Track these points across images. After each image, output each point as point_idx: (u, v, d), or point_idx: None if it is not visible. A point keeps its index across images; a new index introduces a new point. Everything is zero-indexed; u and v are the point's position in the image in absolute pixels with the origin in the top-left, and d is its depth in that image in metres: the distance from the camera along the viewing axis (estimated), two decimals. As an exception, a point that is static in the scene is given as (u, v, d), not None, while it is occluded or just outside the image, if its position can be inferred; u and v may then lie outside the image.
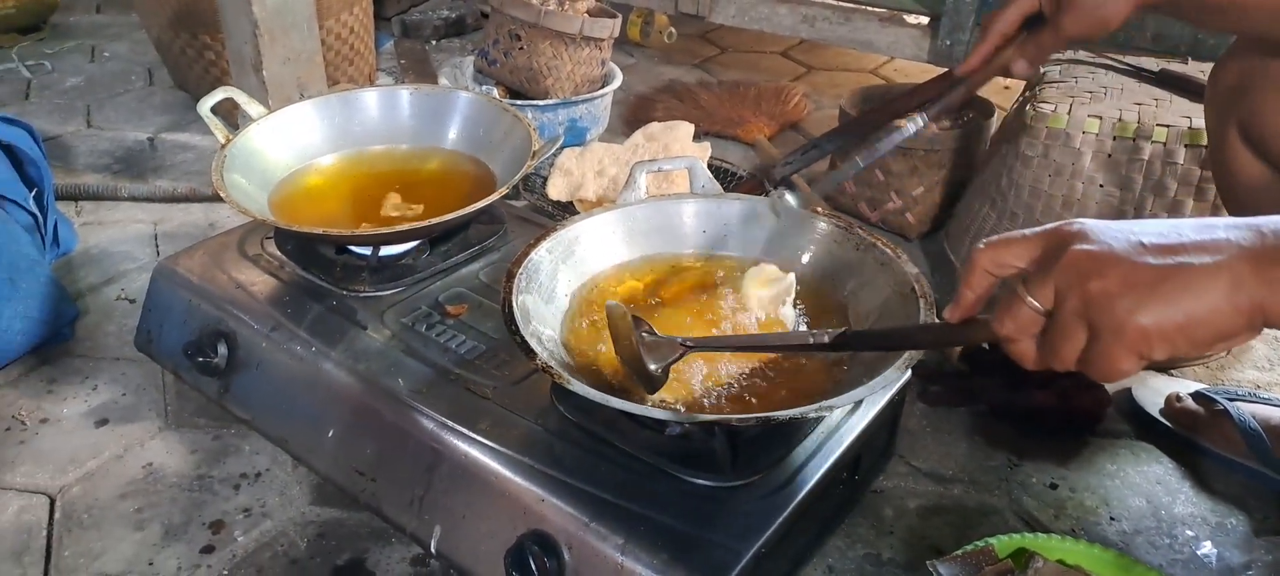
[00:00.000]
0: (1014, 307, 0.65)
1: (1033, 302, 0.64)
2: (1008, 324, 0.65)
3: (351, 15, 2.28)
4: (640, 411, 0.85)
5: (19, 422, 1.29)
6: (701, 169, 1.20)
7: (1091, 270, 0.60)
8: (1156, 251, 0.60)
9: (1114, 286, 0.59)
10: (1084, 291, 0.60)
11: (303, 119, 1.40)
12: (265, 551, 1.10)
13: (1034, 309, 0.64)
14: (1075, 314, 0.61)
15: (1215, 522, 1.17)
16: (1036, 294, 0.63)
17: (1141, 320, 0.58)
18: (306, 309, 1.18)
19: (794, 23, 2.46)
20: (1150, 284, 0.58)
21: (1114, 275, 0.59)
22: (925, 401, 1.35)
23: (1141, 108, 1.43)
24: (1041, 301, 0.63)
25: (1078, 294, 0.61)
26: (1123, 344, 0.60)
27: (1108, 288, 0.59)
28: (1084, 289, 0.60)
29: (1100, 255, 0.61)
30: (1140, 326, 0.58)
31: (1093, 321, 0.60)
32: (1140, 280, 0.59)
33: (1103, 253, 0.61)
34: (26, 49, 2.80)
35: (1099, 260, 0.60)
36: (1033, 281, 0.64)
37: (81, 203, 1.89)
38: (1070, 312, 0.61)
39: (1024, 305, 0.64)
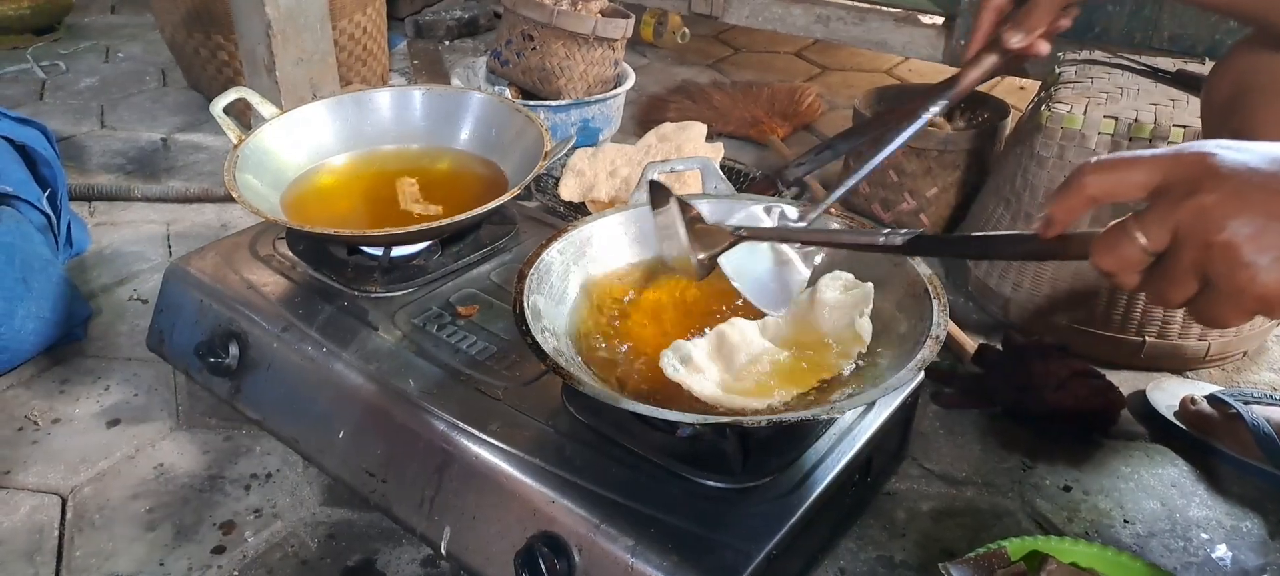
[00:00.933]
0: (1120, 243, 0.57)
1: (1143, 242, 0.56)
2: (1108, 259, 0.58)
3: (364, 16, 2.28)
4: (651, 412, 0.85)
5: (31, 422, 1.30)
6: (714, 169, 1.20)
7: (1219, 223, 0.53)
8: None
9: (1244, 246, 0.52)
10: (1206, 245, 0.53)
11: (315, 119, 1.40)
12: (276, 552, 1.10)
13: (1143, 249, 0.56)
14: (1192, 266, 0.55)
15: (1230, 526, 1.16)
16: (1150, 233, 0.56)
17: (1268, 283, 0.52)
18: (318, 309, 1.18)
19: (808, 23, 2.45)
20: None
21: (1245, 231, 0.52)
22: (938, 403, 1.35)
23: (1157, 108, 1.42)
24: (1153, 243, 0.56)
25: (1198, 247, 0.54)
26: (1239, 305, 0.54)
27: (1235, 246, 0.52)
28: (1206, 243, 0.53)
29: (1232, 205, 0.53)
30: (1265, 290, 0.52)
31: (1211, 276, 0.54)
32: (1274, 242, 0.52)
33: (1235, 202, 0.53)
34: (41, 49, 2.82)
35: (1230, 212, 0.53)
36: (1148, 218, 0.56)
37: (95, 203, 1.90)
38: (1186, 264, 0.55)
39: (1134, 245, 0.56)
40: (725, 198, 1.16)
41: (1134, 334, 1.42)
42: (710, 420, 0.83)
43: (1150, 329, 1.41)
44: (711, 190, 1.18)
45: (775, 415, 0.86)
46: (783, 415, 0.84)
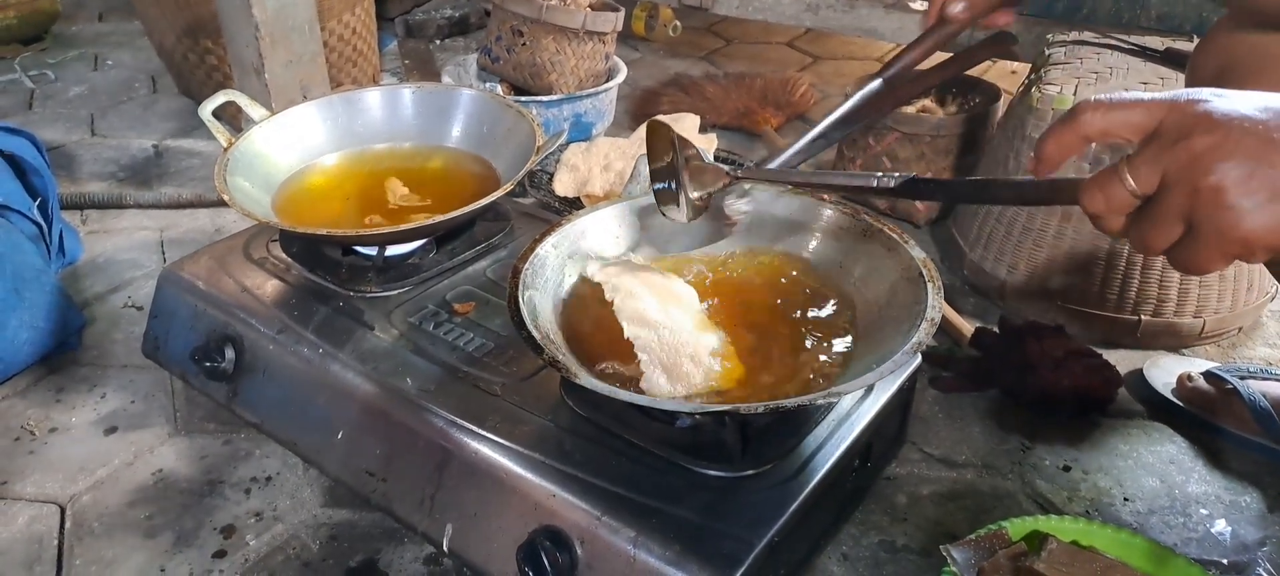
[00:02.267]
0: (1109, 186, 0.59)
1: (1132, 184, 0.58)
2: (1098, 199, 0.60)
3: (354, 16, 2.27)
4: (650, 403, 0.85)
5: (28, 432, 1.30)
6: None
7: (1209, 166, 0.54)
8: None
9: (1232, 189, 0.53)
10: (1194, 188, 0.55)
11: (305, 120, 1.39)
12: (277, 555, 1.10)
13: (1132, 191, 0.58)
14: (1178, 209, 0.56)
15: (1229, 501, 1.16)
16: (1139, 176, 0.58)
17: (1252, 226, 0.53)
18: (313, 311, 1.18)
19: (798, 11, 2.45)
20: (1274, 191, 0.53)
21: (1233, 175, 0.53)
22: (936, 387, 1.35)
23: (1147, 87, 1.42)
24: (1142, 186, 0.58)
25: (1186, 190, 0.55)
26: (1221, 249, 0.55)
27: (1223, 188, 0.54)
28: (1194, 186, 0.55)
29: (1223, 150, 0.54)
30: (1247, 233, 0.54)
31: (1195, 220, 0.55)
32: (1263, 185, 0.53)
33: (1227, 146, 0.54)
34: (29, 59, 2.81)
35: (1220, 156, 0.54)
36: (1138, 161, 0.58)
37: (87, 211, 1.90)
38: (1172, 208, 0.56)
39: (1122, 187, 0.58)
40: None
41: (1130, 313, 1.42)
42: (709, 409, 0.83)
43: (1146, 307, 1.41)
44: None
45: (773, 402, 0.86)
46: (780, 402, 0.84)
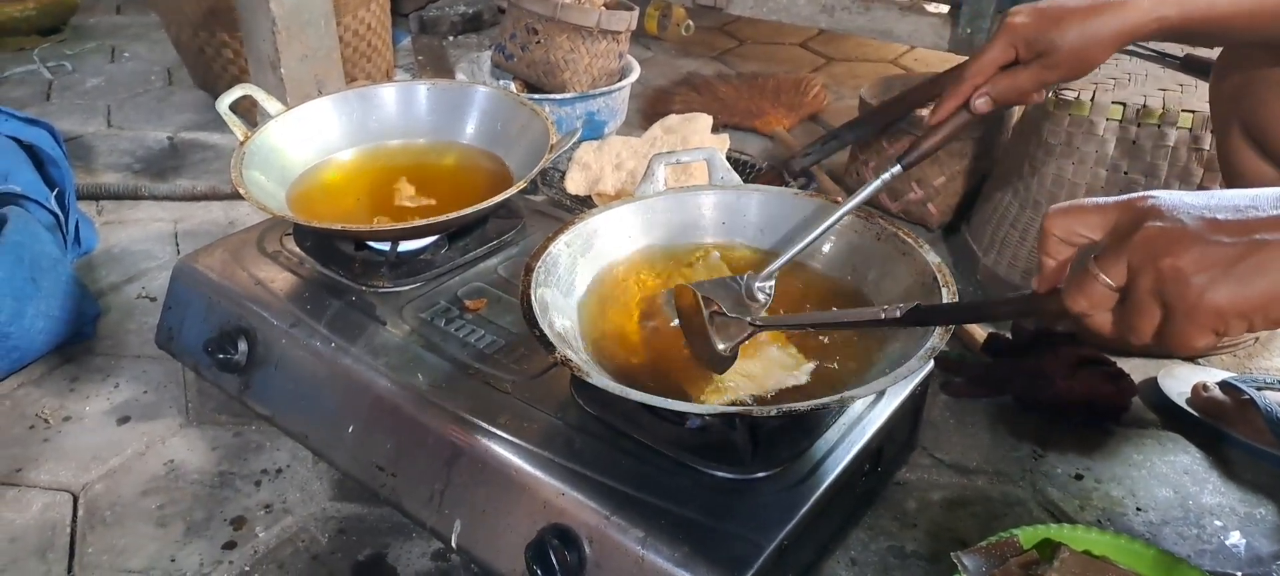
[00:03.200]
0: (1086, 284, 0.63)
1: (1105, 279, 0.62)
2: (1080, 300, 0.64)
3: (369, 12, 2.28)
4: (660, 404, 0.85)
5: (42, 421, 1.30)
6: (720, 160, 1.19)
7: (1163, 248, 0.59)
8: (1231, 229, 0.58)
9: (1187, 266, 0.58)
10: (1157, 270, 0.59)
11: (320, 115, 1.40)
12: (287, 547, 1.10)
13: (1106, 285, 0.62)
14: (1149, 292, 0.60)
15: (1244, 512, 1.15)
16: (1108, 270, 0.62)
17: (1216, 299, 0.57)
18: (326, 305, 1.18)
19: (812, 12, 2.44)
20: (1224, 263, 0.57)
21: (1187, 255, 0.58)
22: (948, 393, 1.34)
23: (1166, 93, 1.41)
24: (1113, 278, 0.62)
25: (1151, 272, 0.59)
26: (1196, 323, 0.59)
27: (1180, 267, 0.58)
28: (1157, 267, 0.59)
29: (1173, 232, 0.59)
30: (1214, 305, 0.58)
31: (1167, 300, 0.59)
32: (1214, 259, 0.57)
33: (1175, 230, 0.59)
34: (47, 50, 2.82)
35: (1172, 238, 0.59)
36: (1105, 256, 0.62)
37: (102, 202, 1.90)
38: (1144, 291, 0.60)
39: (1096, 282, 0.63)
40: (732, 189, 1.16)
41: (1144, 321, 1.41)
42: (719, 411, 0.83)
43: (1160, 315, 1.40)
44: (718, 181, 1.18)
45: (784, 405, 0.86)
46: (792, 405, 0.84)
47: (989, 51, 0.98)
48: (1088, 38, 0.92)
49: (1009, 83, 0.98)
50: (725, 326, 0.89)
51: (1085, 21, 0.92)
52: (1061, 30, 0.93)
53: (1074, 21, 0.92)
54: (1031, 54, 0.96)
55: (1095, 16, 0.92)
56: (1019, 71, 0.98)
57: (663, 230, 1.14)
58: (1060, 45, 0.93)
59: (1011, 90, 0.99)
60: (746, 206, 1.15)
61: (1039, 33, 0.94)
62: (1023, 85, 0.98)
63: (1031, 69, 0.97)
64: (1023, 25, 0.95)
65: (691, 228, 1.15)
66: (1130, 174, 1.40)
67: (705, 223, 1.15)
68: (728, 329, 0.89)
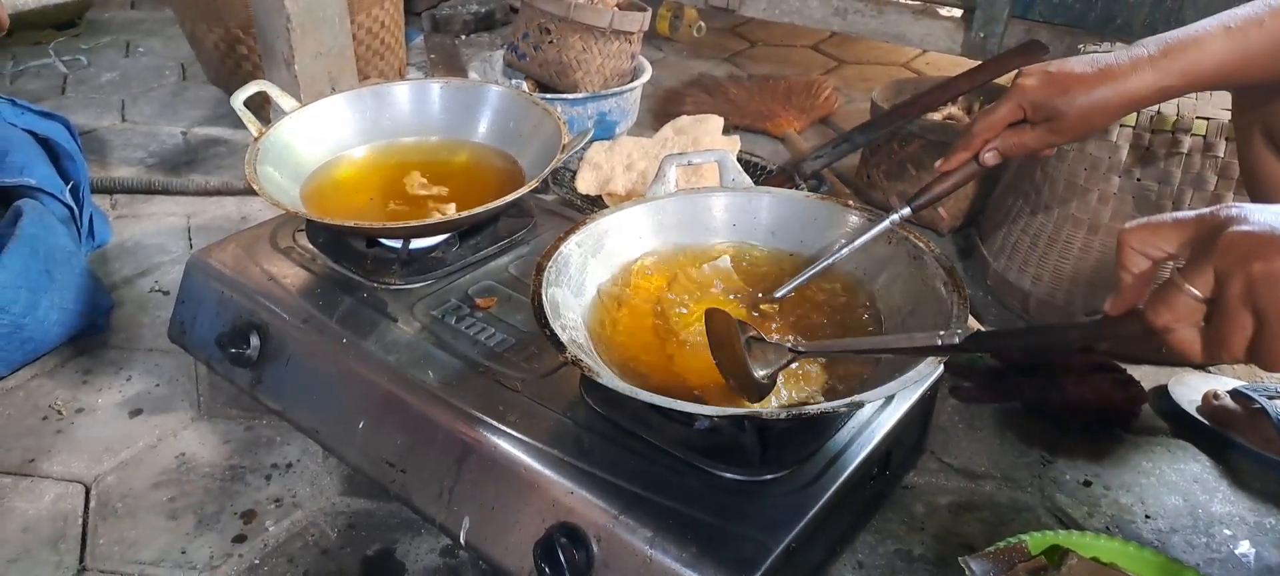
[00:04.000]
0: (1170, 296, 0.61)
1: (1192, 289, 0.60)
2: (1164, 314, 0.61)
3: (382, 10, 2.28)
4: (669, 404, 0.85)
5: (55, 412, 1.31)
6: (731, 162, 1.19)
7: (1254, 251, 0.56)
8: None
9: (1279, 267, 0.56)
10: (1248, 274, 0.57)
11: (334, 112, 1.40)
12: (296, 541, 1.11)
13: (1193, 296, 0.60)
14: (1240, 299, 0.58)
15: (1253, 522, 1.15)
16: (1194, 280, 0.60)
17: None
18: (337, 301, 1.19)
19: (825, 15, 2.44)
20: None
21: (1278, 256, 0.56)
22: (957, 397, 1.34)
23: (1180, 100, 1.41)
24: (1200, 288, 0.60)
25: (1241, 277, 0.57)
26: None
27: (1273, 270, 0.56)
28: (1247, 271, 0.57)
29: (1261, 236, 0.57)
30: None
31: (1260, 306, 0.57)
32: None
33: (1263, 233, 0.57)
34: (63, 44, 2.84)
35: (1261, 241, 0.57)
36: (1189, 267, 0.60)
37: (116, 196, 1.92)
38: (1235, 298, 0.58)
39: (1182, 293, 0.60)
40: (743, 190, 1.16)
41: (1155, 328, 1.41)
42: (728, 412, 0.83)
43: (1171, 323, 1.40)
44: (729, 183, 1.18)
45: (794, 408, 0.86)
46: (801, 408, 0.84)
47: (999, 110, 1.02)
48: (1092, 106, 0.94)
49: (1016, 140, 1.02)
50: (763, 352, 0.88)
51: (1090, 90, 0.94)
52: (1068, 97, 0.95)
53: (1080, 90, 0.94)
54: (1039, 116, 0.99)
55: (1100, 85, 0.94)
56: (1026, 131, 1.01)
57: (674, 231, 1.14)
58: (1066, 112, 0.96)
59: (1018, 147, 1.02)
60: (757, 208, 1.15)
61: (1046, 98, 0.97)
62: (1029, 144, 1.02)
63: (1038, 130, 1.00)
64: (1032, 88, 0.98)
65: (702, 229, 1.15)
66: (1144, 181, 1.40)
67: (716, 224, 1.15)
68: (766, 355, 0.88)
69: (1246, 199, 1.33)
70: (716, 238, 1.15)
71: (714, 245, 1.14)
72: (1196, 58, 0.91)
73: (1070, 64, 0.96)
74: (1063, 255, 1.48)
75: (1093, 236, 1.45)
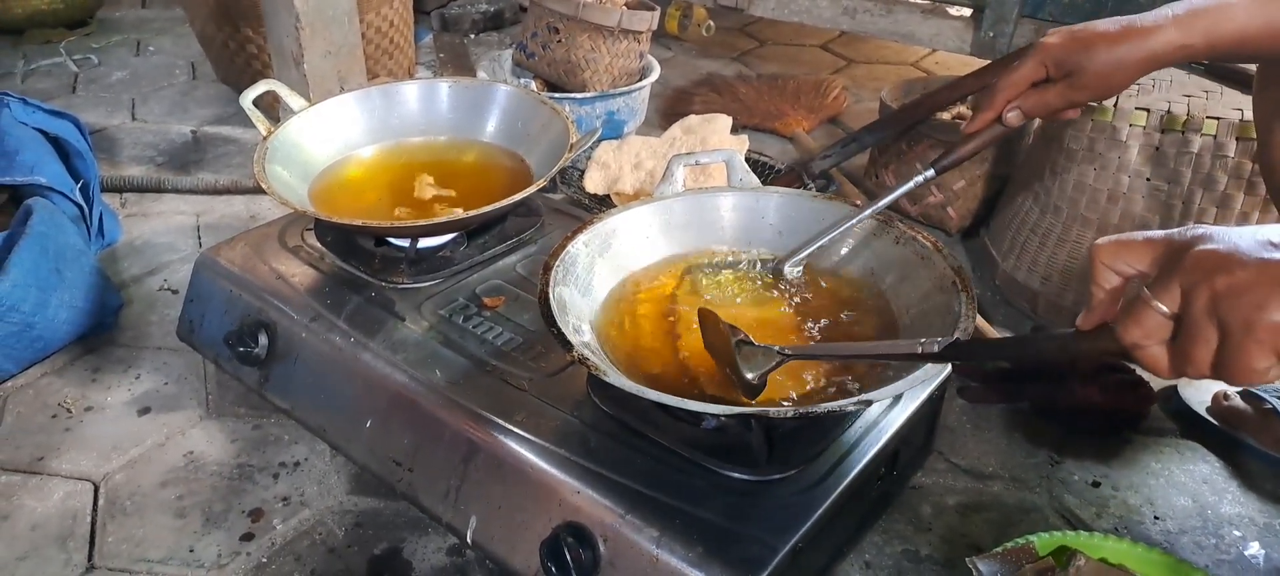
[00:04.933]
0: (1139, 312, 0.62)
1: (1159, 305, 0.61)
2: (1134, 330, 0.63)
3: (391, 9, 2.29)
4: (676, 404, 0.85)
5: (64, 410, 1.32)
6: (739, 162, 1.19)
7: (1217, 267, 0.58)
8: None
9: (1242, 282, 0.57)
10: (1211, 288, 0.59)
11: (343, 111, 1.41)
12: (303, 539, 1.11)
13: (1160, 312, 0.62)
14: (1204, 313, 0.59)
15: (1263, 523, 1.14)
16: (1161, 296, 0.61)
17: (1275, 315, 0.56)
18: (345, 300, 1.19)
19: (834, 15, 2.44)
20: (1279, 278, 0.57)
21: (1241, 271, 0.58)
22: (965, 397, 1.34)
23: (1191, 99, 1.40)
24: (1167, 304, 0.61)
25: (1205, 292, 0.59)
26: (1255, 341, 0.58)
27: (1235, 283, 0.57)
28: (1211, 286, 0.59)
29: (1225, 253, 0.59)
30: (1273, 322, 0.57)
31: (1223, 320, 0.58)
32: (1271, 275, 0.57)
33: (1227, 250, 0.59)
34: (74, 43, 2.85)
35: (1224, 257, 0.59)
36: (1157, 284, 0.62)
37: (126, 194, 1.92)
38: (1199, 312, 0.59)
39: (1150, 309, 0.62)
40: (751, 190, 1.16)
41: (1164, 328, 1.40)
42: (735, 411, 0.83)
43: (1181, 323, 1.39)
44: (737, 182, 1.18)
45: (801, 407, 0.86)
46: (809, 408, 0.84)
47: (1022, 68, 1.02)
48: (1114, 63, 0.95)
49: (1038, 98, 1.02)
50: (752, 355, 0.89)
51: (1113, 47, 0.95)
52: (1090, 54, 0.96)
53: (1102, 47, 0.95)
54: (1061, 73, 1.00)
55: (1122, 43, 0.94)
56: (1048, 89, 1.02)
57: (681, 231, 1.14)
58: (1087, 68, 0.96)
59: (1040, 105, 1.03)
60: (765, 209, 1.15)
61: (1068, 55, 0.97)
62: (1051, 102, 1.02)
63: (1059, 88, 1.00)
64: (1054, 46, 0.99)
65: (710, 229, 1.15)
66: (1154, 181, 1.39)
67: (723, 224, 1.15)
68: (754, 358, 0.89)
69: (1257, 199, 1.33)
70: (724, 238, 1.15)
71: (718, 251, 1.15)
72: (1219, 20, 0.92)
73: (1094, 24, 0.97)
74: (1072, 255, 1.48)
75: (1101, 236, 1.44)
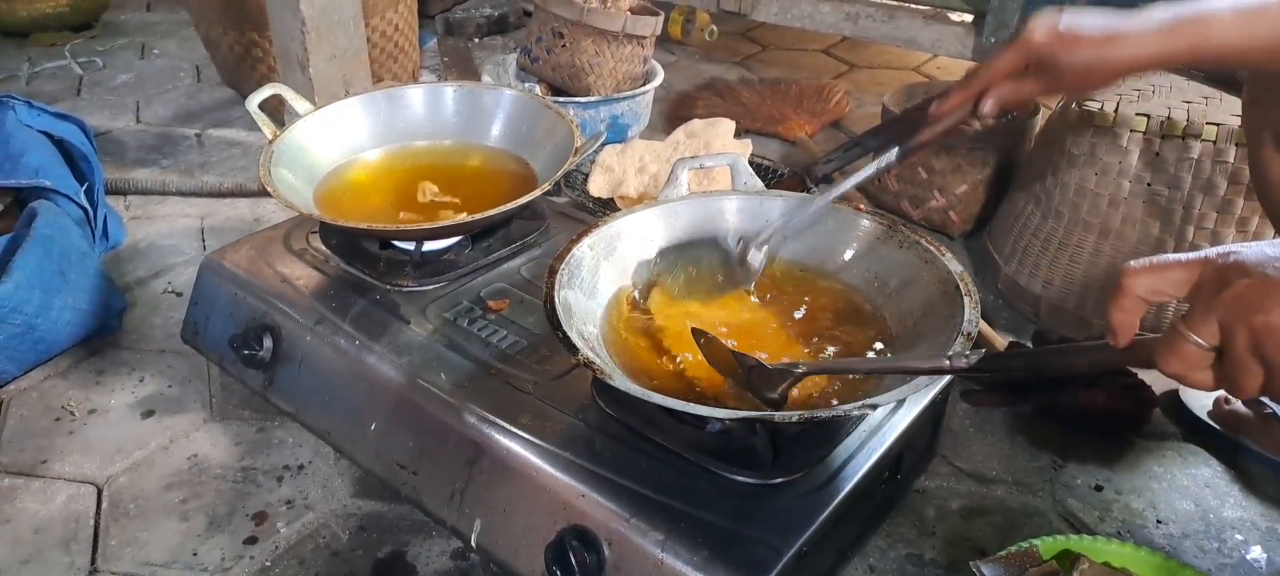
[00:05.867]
0: (1177, 346, 0.62)
1: (1197, 339, 0.61)
2: (1174, 362, 0.63)
3: (396, 13, 2.29)
4: (681, 407, 0.85)
5: (68, 413, 1.32)
6: (743, 165, 1.20)
7: (1255, 305, 0.58)
8: None
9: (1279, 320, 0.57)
10: (1250, 328, 0.58)
11: (348, 115, 1.41)
12: (307, 543, 1.11)
13: (1198, 345, 0.62)
14: (1247, 350, 0.59)
15: (1265, 527, 1.15)
16: (1199, 331, 0.61)
17: None
18: (350, 303, 1.19)
19: (836, 20, 2.44)
20: None
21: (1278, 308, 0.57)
22: (968, 401, 1.34)
23: (1191, 105, 1.40)
24: (1205, 338, 0.61)
25: (1244, 330, 0.59)
26: None
27: (1274, 323, 0.57)
28: (1250, 325, 0.58)
29: (1262, 287, 0.58)
30: None
31: (1266, 356, 0.58)
32: None
33: (1264, 284, 0.58)
34: (79, 46, 2.86)
35: (1262, 293, 0.58)
36: (1193, 316, 0.62)
37: (130, 197, 1.92)
38: (1241, 349, 0.59)
39: (1188, 343, 0.62)
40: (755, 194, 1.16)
41: (1167, 333, 1.40)
42: (740, 415, 0.83)
43: (1184, 328, 1.39)
44: (741, 187, 1.18)
45: (806, 411, 0.86)
46: (813, 411, 0.84)
47: (1000, 59, 1.00)
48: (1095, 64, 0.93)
49: (1013, 89, 0.99)
50: (768, 377, 0.88)
51: (1097, 50, 0.93)
52: (1072, 53, 0.94)
53: (1087, 49, 0.93)
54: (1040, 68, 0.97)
55: (1106, 45, 0.92)
56: (1024, 81, 0.99)
57: (685, 234, 1.14)
58: (1068, 68, 0.94)
59: (1014, 95, 1.00)
60: (768, 212, 1.15)
61: (1050, 51, 0.95)
62: (1025, 94, 0.99)
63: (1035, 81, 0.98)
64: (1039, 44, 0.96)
65: (714, 232, 1.15)
66: (1154, 186, 1.40)
67: (727, 227, 1.15)
68: (771, 379, 0.88)
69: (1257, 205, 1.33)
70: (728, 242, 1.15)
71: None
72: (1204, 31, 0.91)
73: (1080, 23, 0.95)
74: (1073, 260, 1.48)
75: (1103, 241, 1.45)
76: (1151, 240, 1.41)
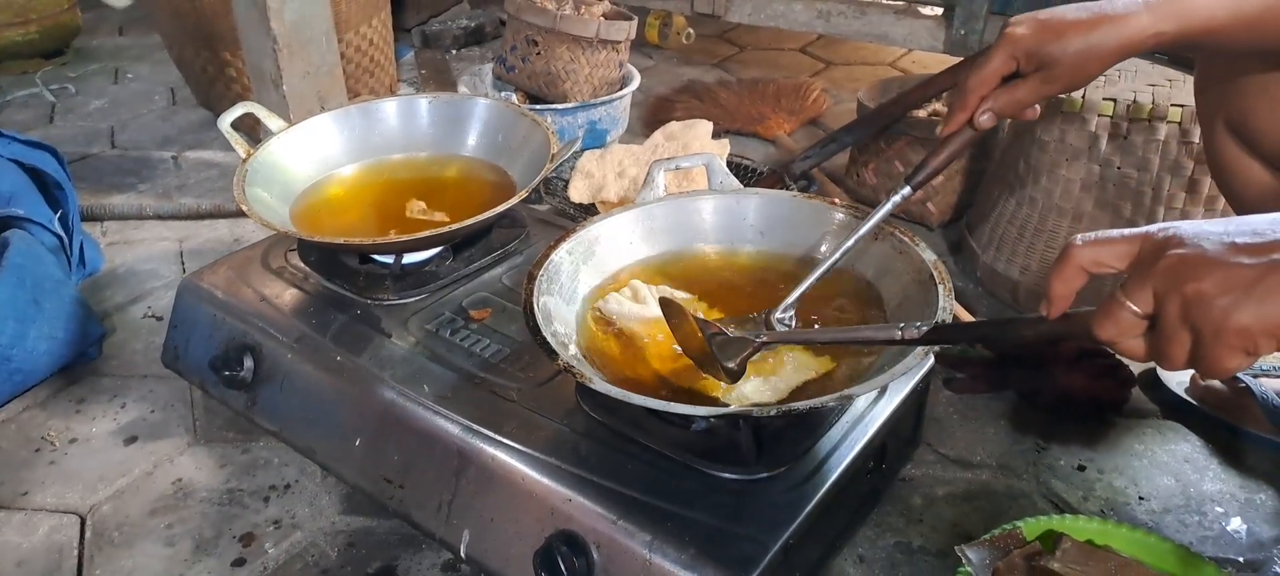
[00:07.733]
0: (1114, 312, 0.65)
1: (1132, 307, 0.64)
2: (1109, 327, 0.65)
3: (371, 27, 2.29)
4: (664, 407, 0.86)
5: (48, 443, 1.31)
6: (718, 165, 1.20)
7: (1186, 274, 0.61)
8: (1252, 251, 0.60)
9: (1210, 289, 0.59)
10: (1182, 295, 0.61)
11: (322, 131, 1.41)
12: (296, 562, 1.11)
13: (1133, 313, 0.64)
14: (1177, 318, 0.61)
15: (1244, 498, 1.16)
16: (1135, 298, 0.64)
17: (1241, 320, 0.59)
18: (331, 319, 1.19)
19: (810, 18, 2.45)
20: (1246, 284, 0.59)
21: (1209, 278, 0.60)
22: (951, 389, 1.35)
23: (1155, 88, 1.42)
24: (1140, 306, 0.64)
25: (1176, 298, 0.61)
26: (1225, 344, 0.60)
27: (1203, 290, 0.60)
28: (1181, 292, 0.61)
29: (1194, 258, 0.61)
30: (1240, 326, 0.59)
31: (1194, 324, 0.61)
32: (1236, 281, 0.59)
33: (1196, 255, 0.61)
34: (50, 73, 2.84)
35: (1193, 263, 0.61)
36: (1130, 285, 0.64)
37: (107, 223, 1.92)
38: (1172, 316, 0.62)
39: (1124, 309, 0.64)
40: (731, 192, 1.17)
41: (1144, 313, 1.42)
42: (723, 413, 0.84)
43: (1161, 308, 1.41)
44: (717, 186, 1.19)
45: (786, 405, 0.87)
46: (794, 404, 0.84)
47: (990, 63, 0.97)
48: (1088, 51, 0.91)
49: (1010, 96, 0.97)
50: (727, 346, 0.89)
51: (1086, 35, 0.91)
52: (1062, 43, 0.92)
53: (1075, 34, 0.91)
54: (1032, 66, 0.95)
55: (1095, 30, 0.91)
56: (1018, 85, 0.97)
57: (663, 235, 1.15)
58: (1059, 58, 0.92)
59: (1012, 104, 0.98)
60: (745, 209, 1.16)
61: (1040, 45, 0.93)
62: (1023, 98, 0.97)
63: (1031, 82, 0.96)
64: (1023, 37, 0.94)
65: (692, 232, 1.16)
66: (1123, 169, 1.41)
67: (705, 227, 1.16)
68: (729, 348, 0.89)
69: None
70: (706, 240, 1.16)
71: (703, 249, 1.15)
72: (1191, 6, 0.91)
73: (1061, 10, 0.94)
74: (1049, 244, 1.49)
75: (1077, 224, 1.46)
76: (1124, 222, 1.43)
